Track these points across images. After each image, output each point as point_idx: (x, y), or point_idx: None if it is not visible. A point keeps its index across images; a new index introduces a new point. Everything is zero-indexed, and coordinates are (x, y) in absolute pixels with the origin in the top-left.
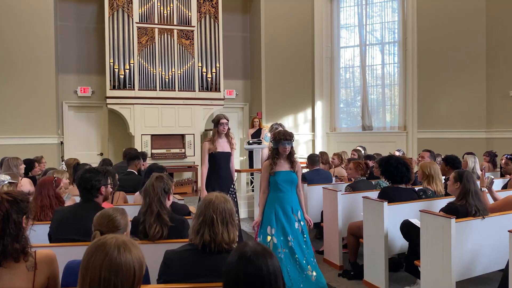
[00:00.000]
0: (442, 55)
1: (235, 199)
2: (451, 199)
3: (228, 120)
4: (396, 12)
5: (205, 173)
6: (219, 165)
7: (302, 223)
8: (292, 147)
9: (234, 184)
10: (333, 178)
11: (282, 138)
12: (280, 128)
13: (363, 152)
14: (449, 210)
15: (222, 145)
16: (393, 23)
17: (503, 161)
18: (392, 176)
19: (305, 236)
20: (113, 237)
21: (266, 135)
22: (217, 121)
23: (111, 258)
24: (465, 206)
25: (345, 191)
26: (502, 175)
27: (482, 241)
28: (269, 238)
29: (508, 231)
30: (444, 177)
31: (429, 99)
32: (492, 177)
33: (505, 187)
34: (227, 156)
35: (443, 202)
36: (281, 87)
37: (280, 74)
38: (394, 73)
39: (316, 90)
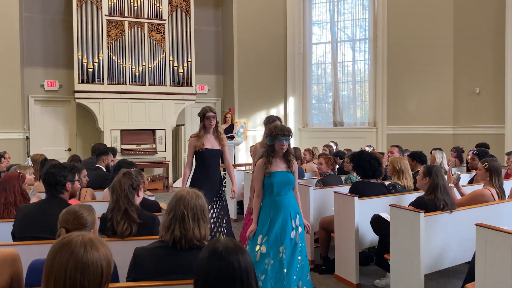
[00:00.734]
0: (412, 53)
1: (224, 203)
2: (420, 193)
3: (215, 113)
4: (367, 9)
5: (187, 173)
6: (207, 164)
7: (300, 229)
8: (289, 144)
9: (223, 186)
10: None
11: (280, 133)
12: (278, 122)
13: (334, 147)
14: (418, 204)
15: (211, 142)
16: (364, 21)
17: (469, 157)
18: (365, 171)
19: (300, 245)
20: (79, 235)
21: (239, 130)
22: (203, 115)
23: (76, 256)
24: (434, 200)
25: (315, 186)
26: (468, 170)
27: (450, 235)
28: (257, 247)
29: (475, 224)
30: (412, 172)
31: (399, 96)
32: (459, 173)
33: (471, 181)
34: (217, 153)
35: (412, 196)
36: (254, 82)
37: (253, 69)
38: (364, 70)
39: (288, 86)
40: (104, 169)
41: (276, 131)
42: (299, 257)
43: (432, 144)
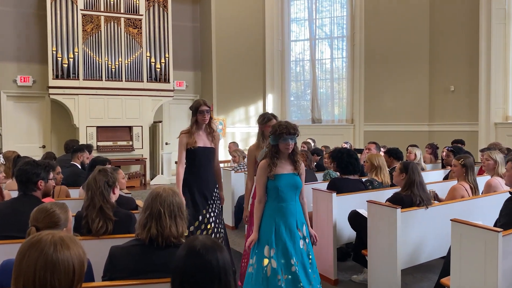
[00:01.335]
0: (388, 51)
1: (220, 207)
2: (397, 189)
3: (209, 107)
4: (345, 7)
5: (181, 173)
6: (199, 163)
7: (307, 240)
8: (295, 144)
9: (217, 188)
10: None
11: (285, 131)
12: (274, 120)
13: (312, 144)
14: (394, 200)
15: (203, 139)
16: (341, 18)
17: (444, 153)
18: (345, 167)
19: (310, 257)
20: (49, 234)
21: (217, 127)
22: (195, 109)
23: (46, 255)
24: (410, 196)
25: None
26: (443, 166)
27: (426, 230)
28: (266, 261)
29: (450, 220)
30: (389, 168)
31: (375, 93)
32: (434, 189)
33: (446, 177)
34: (209, 152)
35: (389, 192)
36: (233, 79)
37: (231, 66)
38: (342, 67)
39: (267, 83)
40: (79, 167)
41: (280, 130)
42: (309, 270)
43: (408, 140)
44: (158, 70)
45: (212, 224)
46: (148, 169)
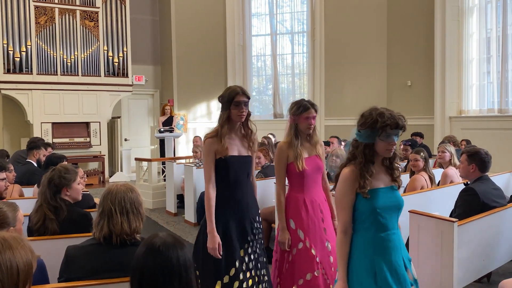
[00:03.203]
0: (347, 46)
1: (262, 243)
2: None
3: (249, 98)
4: (305, 3)
5: (213, 197)
6: (234, 179)
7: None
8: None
9: (259, 215)
10: None
11: (390, 123)
12: (312, 110)
13: (273, 139)
14: None
15: (237, 144)
16: (302, 14)
17: (401, 147)
18: None
19: None
20: None
21: (178, 122)
22: (229, 99)
23: None
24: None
25: (257, 178)
26: (401, 160)
27: None
28: None
29: (408, 211)
30: None
31: (336, 88)
32: None
33: (404, 171)
34: (247, 163)
35: None
36: (193, 73)
37: (192, 60)
38: (303, 62)
39: (229, 78)
40: (35, 164)
41: (383, 120)
42: None
43: None
44: (116, 64)
45: (253, 272)
46: (107, 166)
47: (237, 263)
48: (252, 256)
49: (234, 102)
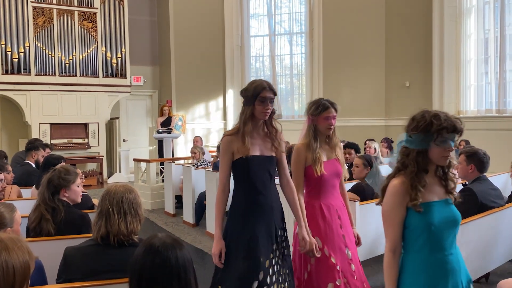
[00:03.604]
0: (346, 47)
1: (288, 253)
2: (354, 182)
3: (276, 95)
4: (303, 3)
5: (223, 201)
6: (255, 181)
7: None
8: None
9: (284, 221)
10: None
11: (447, 127)
12: (332, 109)
13: None
14: (356, 189)
15: (259, 143)
16: (300, 14)
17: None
18: None
19: None
20: None
21: (177, 123)
22: (254, 94)
23: None
24: (371, 186)
25: None
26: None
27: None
28: None
29: None
30: (347, 163)
31: (334, 89)
32: None
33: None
34: (270, 163)
35: (348, 185)
36: (192, 74)
37: (191, 61)
38: (301, 63)
39: (227, 78)
40: (34, 165)
41: (440, 123)
42: None
43: (365, 135)
44: (115, 65)
45: (273, 279)
46: (105, 167)
47: (261, 275)
48: (276, 268)
49: (259, 97)
